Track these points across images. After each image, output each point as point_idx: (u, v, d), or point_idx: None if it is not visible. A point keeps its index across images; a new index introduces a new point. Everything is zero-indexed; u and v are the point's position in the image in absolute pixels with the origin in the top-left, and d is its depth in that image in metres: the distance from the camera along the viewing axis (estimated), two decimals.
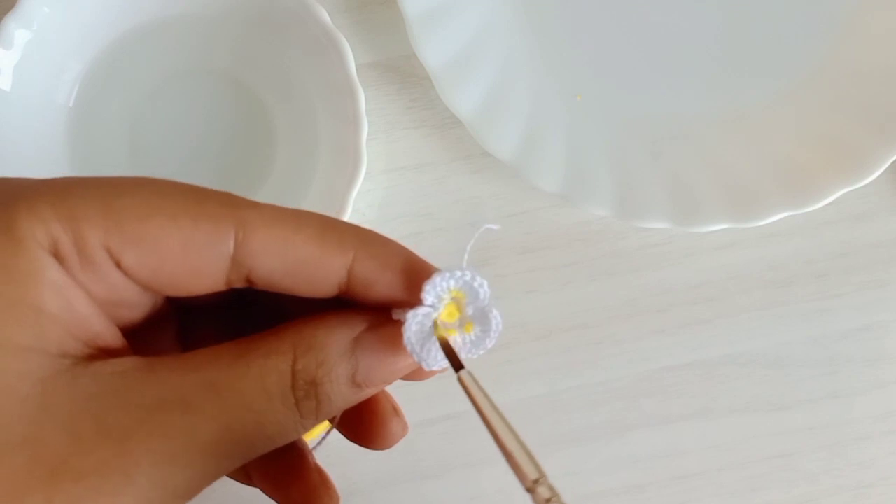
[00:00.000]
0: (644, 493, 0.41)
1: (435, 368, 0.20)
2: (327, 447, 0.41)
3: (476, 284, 0.21)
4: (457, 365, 0.21)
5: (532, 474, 0.22)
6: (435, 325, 0.20)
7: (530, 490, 0.21)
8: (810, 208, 0.38)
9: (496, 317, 0.21)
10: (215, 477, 0.19)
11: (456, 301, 0.21)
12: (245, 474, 0.23)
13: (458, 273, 0.20)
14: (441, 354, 0.20)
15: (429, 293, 0.20)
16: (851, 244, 0.42)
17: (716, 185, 0.39)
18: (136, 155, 0.40)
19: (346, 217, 0.37)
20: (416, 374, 0.22)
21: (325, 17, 0.37)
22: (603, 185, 0.39)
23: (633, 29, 0.41)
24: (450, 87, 0.38)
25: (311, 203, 0.39)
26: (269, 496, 0.23)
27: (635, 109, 0.41)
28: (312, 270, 0.20)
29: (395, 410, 0.24)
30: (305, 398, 0.19)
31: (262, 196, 0.40)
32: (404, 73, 0.41)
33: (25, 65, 0.37)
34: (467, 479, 0.41)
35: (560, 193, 0.38)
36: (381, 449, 0.23)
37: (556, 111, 0.40)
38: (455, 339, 0.21)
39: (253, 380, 0.19)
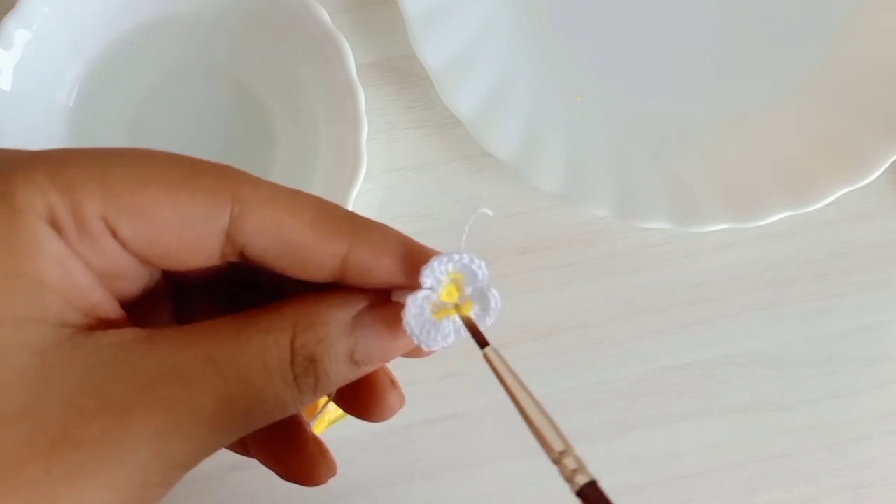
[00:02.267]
0: (644, 493, 0.41)
1: (434, 349, 0.21)
2: (328, 447, 0.41)
3: (474, 267, 0.21)
4: (482, 342, 0.21)
5: (558, 446, 0.22)
6: (433, 306, 0.20)
7: (557, 462, 0.21)
8: (810, 208, 0.38)
9: (495, 296, 0.21)
10: (214, 449, 0.19)
11: (455, 282, 0.21)
12: (242, 446, 0.24)
13: (456, 256, 0.21)
14: (440, 335, 0.21)
15: (427, 277, 0.20)
16: (851, 244, 0.42)
17: (716, 185, 0.39)
18: None
19: None
20: (415, 352, 0.22)
21: (325, 17, 0.37)
22: (603, 185, 0.39)
23: (633, 29, 0.41)
24: (450, 87, 0.38)
25: None
26: (268, 467, 0.23)
27: (635, 109, 0.41)
28: (306, 255, 0.20)
29: (393, 383, 0.23)
30: (304, 374, 0.20)
31: None
32: (404, 73, 0.41)
33: (25, 65, 0.37)
34: (467, 479, 0.41)
35: (560, 193, 0.38)
36: (378, 421, 0.23)
37: (556, 111, 0.40)
38: (455, 319, 0.21)
39: (252, 355, 0.19)
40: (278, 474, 0.23)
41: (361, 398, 0.23)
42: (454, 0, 0.39)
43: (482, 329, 0.21)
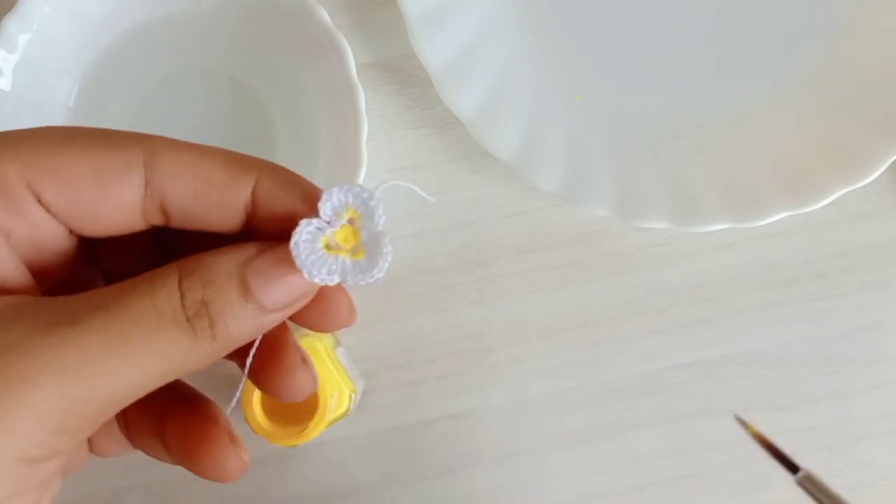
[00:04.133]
0: (644, 493, 0.41)
1: (318, 281, 0.20)
2: (328, 447, 0.41)
3: (372, 203, 0.21)
4: (793, 467, 0.20)
5: None
6: (327, 241, 0.20)
7: None
8: (810, 208, 0.38)
9: (386, 245, 0.20)
10: (112, 397, 0.19)
11: (352, 223, 0.21)
12: (161, 442, 0.23)
13: (357, 188, 0.20)
14: (325, 269, 0.20)
15: (325, 203, 0.20)
16: (851, 244, 0.42)
17: (716, 185, 0.39)
18: None
19: None
20: (320, 314, 0.22)
21: (325, 17, 0.37)
22: (603, 186, 0.39)
23: (633, 29, 0.41)
24: (450, 87, 0.38)
25: None
26: (180, 463, 0.23)
27: (635, 109, 0.41)
28: (220, 191, 0.21)
29: (304, 361, 0.23)
30: (197, 316, 0.19)
31: None
32: (404, 73, 0.41)
33: (25, 65, 0.37)
34: (467, 479, 0.41)
35: (560, 193, 0.38)
36: (291, 401, 0.23)
37: (556, 111, 0.40)
38: (345, 260, 0.20)
39: (140, 296, 0.19)
40: (190, 469, 0.22)
41: (272, 375, 0.23)
42: (454, 0, 0.39)
43: (370, 281, 0.20)
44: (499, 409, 0.41)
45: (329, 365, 0.36)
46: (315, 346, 0.36)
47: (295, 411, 0.35)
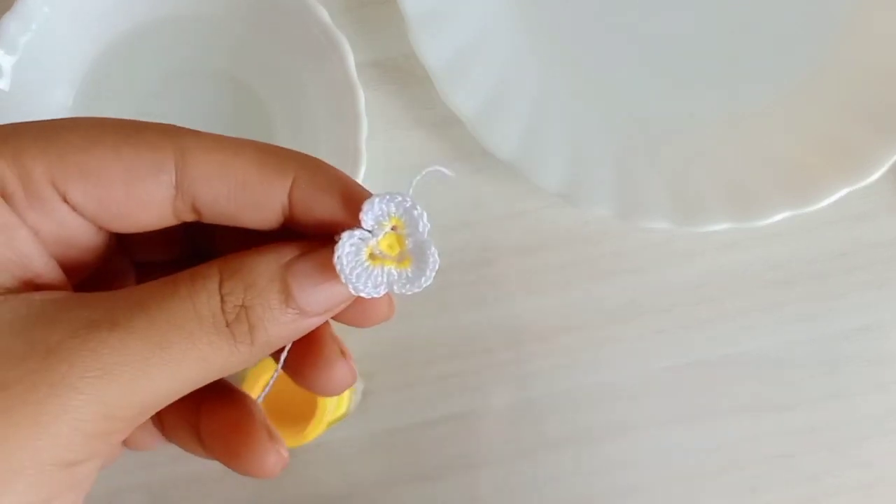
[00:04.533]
0: (645, 493, 0.41)
1: (364, 295, 0.20)
2: (328, 447, 0.41)
3: (416, 213, 0.20)
4: None
5: None
6: (370, 251, 0.20)
7: None
8: (811, 208, 0.38)
9: (433, 253, 0.20)
10: (150, 399, 0.19)
11: (396, 231, 0.20)
12: (196, 437, 0.23)
13: (399, 197, 0.20)
14: (371, 282, 0.20)
15: (367, 213, 0.20)
16: (852, 244, 0.42)
17: (716, 185, 0.39)
18: None
19: None
20: (361, 313, 0.22)
21: (325, 16, 0.37)
22: (603, 185, 0.39)
23: (633, 29, 0.41)
24: (450, 87, 0.38)
25: None
26: (217, 458, 0.22)
27: (636, 109, 0.40)
28: (255, 193, 0.20)
29: (343, 353, 0.22)
30: (237, 321, 0.19)
31: None
32: (404, 73, 0.41)
33: (25, 65, 0.37)
34: (467, 479, 0.41)
35: (560, 193, 0.38)
36: (330, 395, 0.23)
37: (556, 111, 0.40)
38: (391, 271, 0.20)
39: (181, 299, 0.19)
40: (228, 465, 0.22)
41: (309, 368, 0.22)
42: (454, 0, 0.39)
43: (417, 290, 0.20)
44: (499, 409, 0.41)
45: None
46: None
47: (295, 412, 0.35)
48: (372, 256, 0.20)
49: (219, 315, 0.19)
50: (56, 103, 0.39)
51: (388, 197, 0.20)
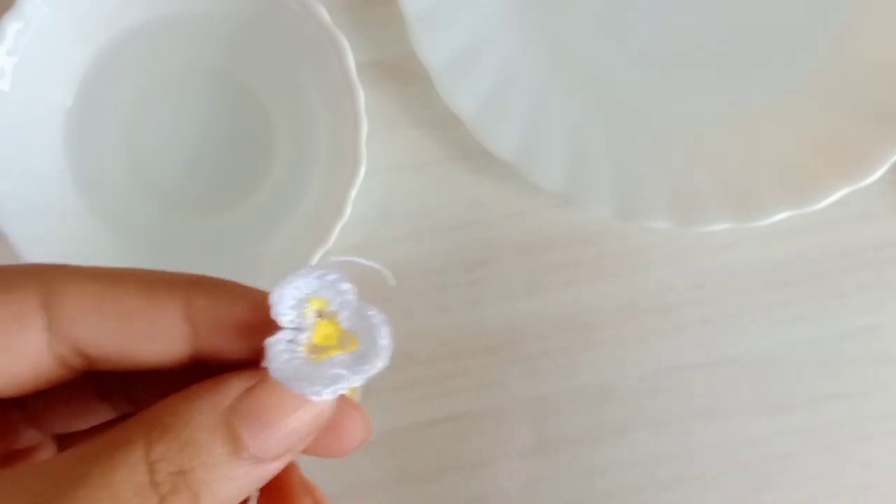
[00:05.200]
0: (644, 493, 0.41)
1: (325, 397, 0.16)
2: None
3: (331, 280, 0.17)
4: None
5: None
6: (308, 349, 0.16)
7: None
8: (811, 208, 0.38)
9: (376, 316, 0.17)
10: None
11: (324, 315, 0.17)
12: None
13: (303, 271, 0.17)
14: (326, 378, 0.16)
15: (279, 306, 0.16)
16: (852, 244, 0.42)
17: (716, 185, 0.39)
18: (135, 155, 0.40)
19: (346, 217, 0.37)
20: (334, 440, 0.18)
21: (325, 15, 0.37)
22: (603, 185, 0.39)
23: (633, 28, 0.41)
24: (450, 87, 0.38)
25: (311, 203, 0.39)
26: None
27: (636, 109, 0.40)
28: (143, 322, 0.17)
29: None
30: (173, 493, 0.15)
31: (263, 196, 0.40)
32: (404, 72, 0.41)
33: (25, 65, 0.37)
34: (467, 479, 0.41)
35: (561, 193, 0.38)
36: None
37: (556, 111, 0.40)
38: (339, 358, 0.16)
39: (95, 488, 0.15)
40: None
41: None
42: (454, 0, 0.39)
43: (373, 373, 0.16)
44: (498, 409, 0.41)
45: None
46: None
47: None
48: (312, 352, 0.16)
49: (147, 491, 0.15)
50: (56, 103, 0.39)
51: (291, 277, 0.17)
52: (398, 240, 0.41)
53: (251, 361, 0.17)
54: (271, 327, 0.16)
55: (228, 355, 0.17)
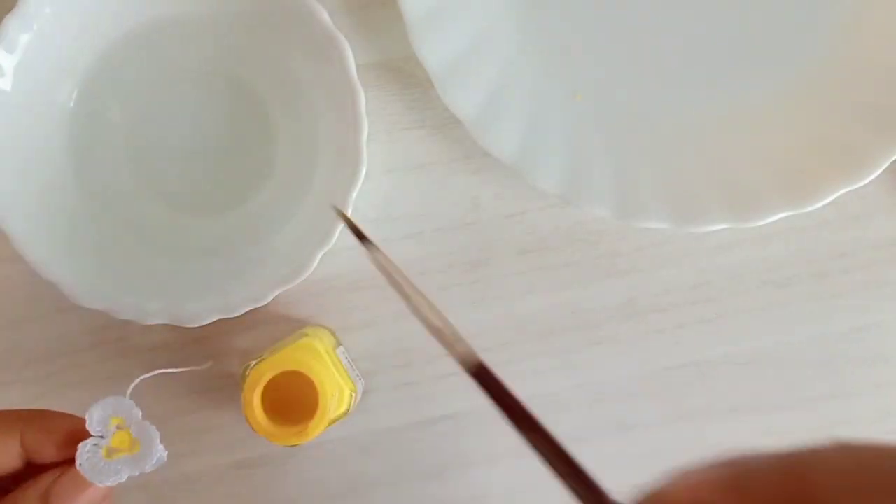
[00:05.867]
0: None
1: (110, 484, 0.25)
2: (328, 447, 0.41)
3: (126, 405, 0.26)
4: (361, 236, 0.25)
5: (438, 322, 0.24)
6: (107, 451, 0.25)
7: (440, 339, 0.25)
8: (810, 208, 0.38)
9: (153, 431, 0.26)
10: None
11: (121, 428, 0.26)
12: None
13: (112, 399, 0.26)
14: (111, 472, 0.25)
15: (90, 419, 0.25)
16: (851, 244, 0.42)
17: (716, 185, 0.39)
18: (136, 155, 0.40)
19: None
20: None
21: (326, 17, 0.37)
22: (603, 186, 0.39)
23: (632, 29, 0.41)
24: (450, 88, 0.38)
25: (311, 203, 0.39)
26: None
27: (635, 109, 0.41)
28: None
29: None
30: None
31: (262, 196, 0.40)
32: (404, 74, 0.41)
33: (26, 65, 0.37)
34: (467, 479, 0.41)
35: (560, 193, 0.38)
36: None
37: (556, 111, 0.40)
38: (124, 459, 0.26)
39: None
40: None
41: None
42: (454, 1, 0.39)
43: (147, 469, 0.26)
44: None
45: (329, 365, 0.36)
46: (315, 345, 0.36)
47: (295, 411, 0.35)
48: (109, 453, 0.25)
49: None
50: (57, 103, 0.39)
51: (101, 404, 0.26)
52: (398, 240, 0.41)
53: (70, 460, 0.25)
54: (86, 435, 0.25)
55: (53, 459, 0.26)
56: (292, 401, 0.35)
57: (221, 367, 0.40)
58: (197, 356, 0.40)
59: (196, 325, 0.37)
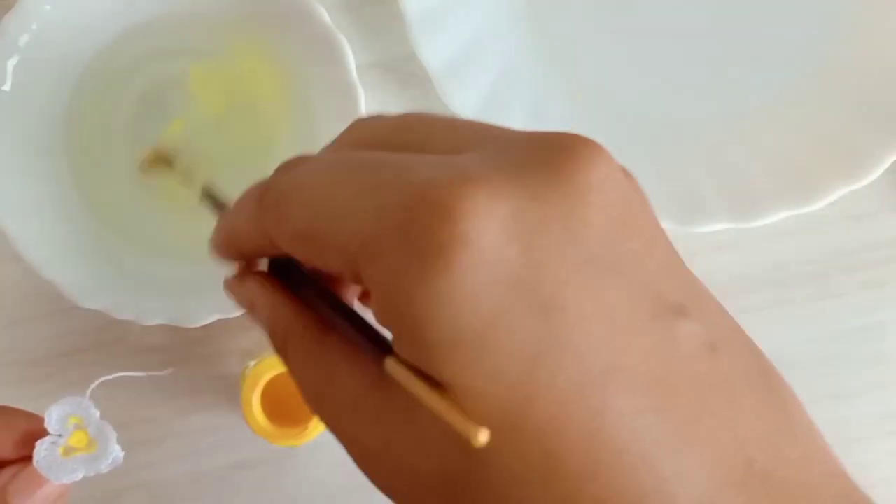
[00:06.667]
0: None
1: (66, 482, 0.26)
2: (328, 447, 0.41)
3: (84, 405, 0.26)
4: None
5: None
6: (65, 449, 0.26)
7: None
8: (810, 208, 0.38)
9: (111, 431, 0.26)
10: None
11: (80, 428, 0.26)
12: None
13: (70, 398, 0.26)
14: (67, 470, 0.26)
15: (49, 418, 0.26)
16: (851, 244, 0.42)
17: (716, 184, 0.39)
18: (135, 155, 0.40)
19: None
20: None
21: (325, 16, 0.37)
22: None
23: (632, 29, 0.41)
24: (450, 88, 0.38)
25: None
26: None
27: (635, 109, 0.41)
28: None
29: None
30: None
31: None
32: (404, 74, 0.41)
33: (25, 65, 0.37)
34: None
35: None
36: None
37: (557, 111, 0.40)
38: (80, 458, 0.26)
39: None
40: None
41: None
42: (454, 0, 0.39)
43: (104, 469, 0.26)
44: None
45: None
46: None
47: (295, 411, 0.35)
48: (66, 451, 0.26)
49: None
50: (56, 103, 0.39)
51: (60, 403, 0.26)
52: None
53: (28, 457, 0.26)
54: (45, 434, 0.26)
55: (11, 456, 0.26)
56: (292, 401, 0.35)
57: (221, 367, 0.40)
58: (197, 356, 0.40)
59: (196, 325, 0.37)
